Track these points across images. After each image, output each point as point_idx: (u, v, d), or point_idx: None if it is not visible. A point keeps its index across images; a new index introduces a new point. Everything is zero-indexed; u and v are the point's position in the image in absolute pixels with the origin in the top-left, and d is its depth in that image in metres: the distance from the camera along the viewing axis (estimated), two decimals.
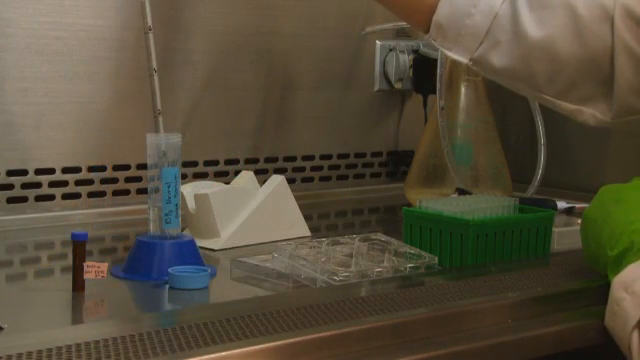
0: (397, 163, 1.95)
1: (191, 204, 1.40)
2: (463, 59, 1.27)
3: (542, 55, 1.23)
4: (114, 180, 1.62)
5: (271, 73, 1.77)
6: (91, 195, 1.60)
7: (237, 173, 1.52)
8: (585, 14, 1.21)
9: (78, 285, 1.14)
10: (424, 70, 1.87)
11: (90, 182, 1.60)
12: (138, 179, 1.63)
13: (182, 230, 1.30)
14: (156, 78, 1.46)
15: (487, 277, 1.21)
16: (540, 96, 1.27)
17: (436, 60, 1.63)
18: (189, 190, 1.41)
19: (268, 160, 1.78)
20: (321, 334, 0.97)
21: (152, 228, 1.25)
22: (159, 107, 1.46)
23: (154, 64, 1.46)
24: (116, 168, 1.62)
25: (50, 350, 0.88)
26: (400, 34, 1.92)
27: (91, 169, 1.60)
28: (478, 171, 1.68)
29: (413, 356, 1.00)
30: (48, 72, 1.55)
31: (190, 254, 1.24)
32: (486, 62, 1.26)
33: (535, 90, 1.27)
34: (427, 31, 1.29)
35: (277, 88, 1.78)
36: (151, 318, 1.06)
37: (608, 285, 1.12)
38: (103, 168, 1.61)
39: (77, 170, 1.59)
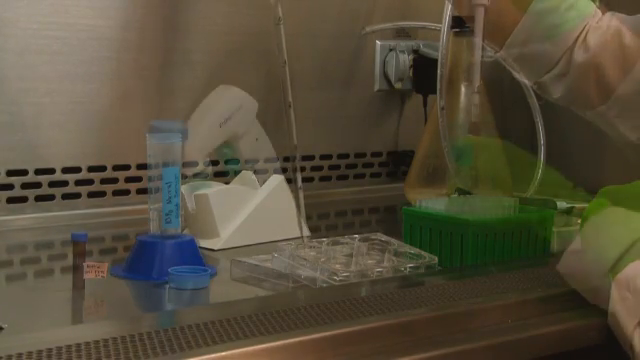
0: (397, 163, 1.94)
1: (191, 204, 1.40)
2: (528, 82, 1.35)
3: (589, 74, 1.28)
4: (114, 180, 1.62)
5: (271, 73, 1.77)
6: (91, 195, 1.60)
7: (237, 173, 1.52)
8: (631, 44, 1.26)
9: (78, 285, 1.14)
10: (424, 70, 1.87)
11: (90, 182, 1.60)
12: (138, 179, 1.63)
13: (182, 230, 1.30)
14: (287, 70, 1.46)
15: (487, 277, 1.21)
16: (598, 116, 1.32)
17: (436, 60, 1.62)
18: (189, 190, 1.41)
19: (268, 160, 1.78)
20: (321, 334, 0.97)
21: (152, 228, 1.25)
22: (290, 99, 1.45)
23: (285, 56, 1.46)
24: (116, 168, 1.62)
25: (50, 350, 0.88)
26: (400, 34, 1.91)
27: (91, 169, 1.60)
28: (478, 171, 1.67)
29: (413, 356, 1.00)
30: (48, 72, 1.55)
31: (190, 254, 1.24)
32: (547, 89, 1.33)
33: (591, 109, 1.31)
34: (500, 49, 1.33)
35: (277, 88, 1.78)
36: (151, 318, 1.06)
37: (609, 285, 1.12)
38: (103, 168, 1.61)
39: (77, 170, 1.59)
